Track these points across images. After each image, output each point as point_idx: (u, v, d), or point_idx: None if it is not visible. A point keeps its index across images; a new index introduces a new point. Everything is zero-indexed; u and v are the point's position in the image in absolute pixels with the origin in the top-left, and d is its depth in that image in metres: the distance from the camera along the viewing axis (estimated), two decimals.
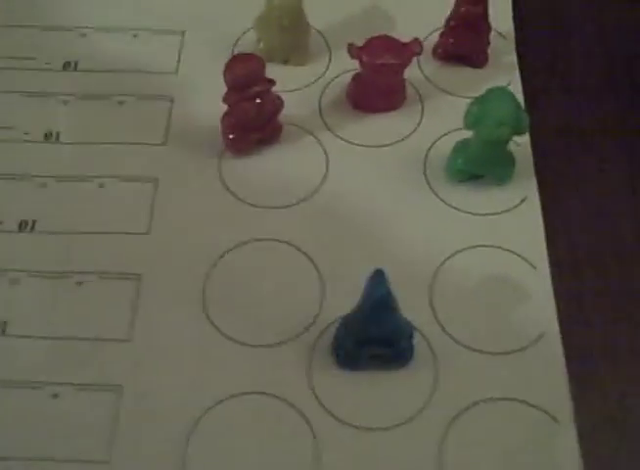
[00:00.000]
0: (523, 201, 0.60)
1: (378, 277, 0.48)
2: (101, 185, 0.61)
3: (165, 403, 0.52)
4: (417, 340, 0.53)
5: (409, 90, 0.66)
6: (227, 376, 0.53)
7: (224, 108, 0.60)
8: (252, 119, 0.61)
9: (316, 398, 0.52)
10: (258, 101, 0.60)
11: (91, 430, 0.51)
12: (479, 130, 0.57)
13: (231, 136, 0.62)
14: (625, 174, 0.61)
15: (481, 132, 0.57)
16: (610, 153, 0.62)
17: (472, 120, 0.57)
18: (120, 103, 0.66)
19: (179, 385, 0.52)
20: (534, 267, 0.57)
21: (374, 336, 0.50)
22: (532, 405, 0.51)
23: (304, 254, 0.58)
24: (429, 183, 0.61)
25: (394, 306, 0.49)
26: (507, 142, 0.58)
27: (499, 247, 0.58)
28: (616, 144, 0.62)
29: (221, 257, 0.58)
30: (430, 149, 0.63)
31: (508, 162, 0.60)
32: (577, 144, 0.63)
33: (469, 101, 0.58)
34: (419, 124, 0.64)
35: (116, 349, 0.54)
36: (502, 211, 0.59)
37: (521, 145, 0.61)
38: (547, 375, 0.52)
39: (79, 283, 0.57)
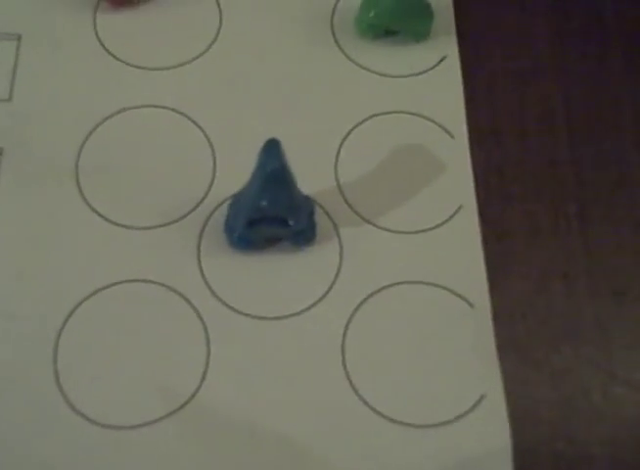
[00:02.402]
0: (441, 60, 0.53)
1: (271, 148, 0.42)
2: None
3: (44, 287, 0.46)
4: (320, 218, 0.47)
5: None
6: (106, 262, 0.46)
7: None
8: None
9: (206, 284, 0.46)
10: None
11: None
12: None
13: None
14: (551, 31, 0.54)
15: None
16: (535, 3, 0.55)
17: None
18: None
19: (59, 271, 0.46)
20: (452, 136, 0.51)
21: (268, 213, 0.44)
22: (446, 289, 0.46)
23: (193, 122, 0.50)
24: (337, 41, 0.54)
25: (289, 180, 0.42)
26: None
27: (414, 113, 0.51)
28: None
29: (97, 126, 0.50)
30: (337, 3, 0.55)
31: (425, 15, 0.53)
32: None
33: None
34: None
35: None
36: (418, 73, 0.53)
37: None
38: (462, 255, 0.47)
39: None
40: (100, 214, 0.48)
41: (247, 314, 0.45)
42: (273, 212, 0.44)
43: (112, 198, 0.48)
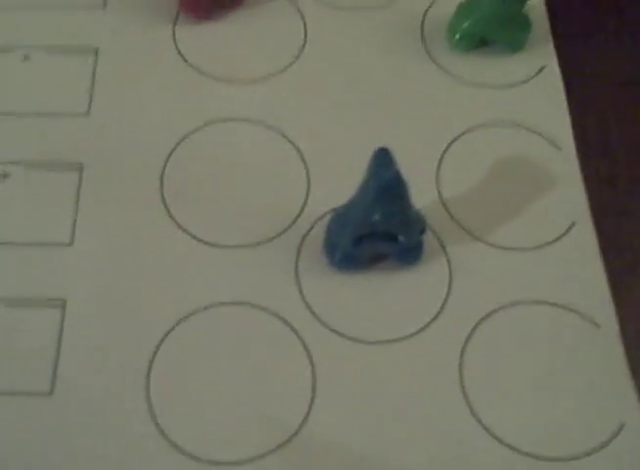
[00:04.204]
0: (541, 70, 0.50)
1: (383, 157, 0.39)
2: (26, 57, 0.50)
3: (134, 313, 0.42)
4: (425, 235, 0.44)
5: None
6: (198, 284, 0.43)
7: None
8: None
9: (307, 306, 0.43)
10: None
11: None
12: None
13: None
14: None
15: None
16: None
17: None
18: None
19: (146, 297, 0.43)
20: (559, 148, 0.48)
21: (378, 229, 0.41)
22: (568, 309, 0.43)
23: (283, 136, 0.48)
24: (428, 52, 0.51)
25: (404, 192, 0.39)
26: (525, 1, 0.48)
27: (516, 125, 0.48)
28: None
29: (181, 141, 0.47)
30: (426, 13, 0.53)
31: (523, 24, 0.50)
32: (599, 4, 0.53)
33: None
34: None
35: (60, 257, 0.43)
36: (517, 84, 0.50)
37: (534, 7, 0.51)
38: (581, 273, 0.44)
39: (4, 175, 0.45)
40: (189, 233, 0.44)
41: (353, 338, 0.42)
42: (385, 227, 0.41)
43: (201, 215, 0.45)
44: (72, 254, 0.43)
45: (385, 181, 0.38)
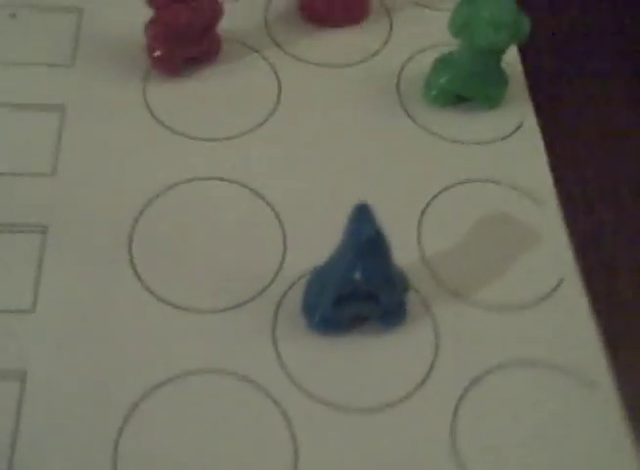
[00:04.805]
0: (518, 127, 0.50)
1: (363, 213, 0.37)
2: None
3: (99, 389, 0.39)
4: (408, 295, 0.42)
5: (373, 1, 0.54)
6: (169, 351, 0.40)
7: (149, 14, 0.47)
8: (185, 29, 0.48)
9: (286, 373, 0.40)
10: (194, 4, 0.47)
11: None
12: (469, 37, 0.46)
13: (158, 52, 0.49)
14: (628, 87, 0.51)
15: (474, 39, 0.46)
16: (610, 63, 0.52)
17: (460, 24, 0.46)
18: (12, 16, 0.52)
19: (114, 366, 0.40)
20: (541, 203, 0.46)
21: (359, 288, 0.39)
22: (561, 370, 0.41)
23: (258, 196, 0.46)
24: (405, 109, 0.50)
25: (386, 248, 0.38)
26: (501, 54, 0.48)
27: (497, 181, 0.47)
28: (614, 51, 0.53)
29: (151, 201, 0.45)
30: (402, 70, 0.52)
31: (500, 80, 0.50)
32: (572, 60, 0.53)
33: (445, 13, 0.47)
34: (387, 41, 0.53)
35: (21, 324, 0.41)
36: (497, 139, 0.49)
37: (509, 63, 0.51)
38: (572, 331, 0.42)
39: None
40: (159, 297, 0.42)
41: (337, 406, 0.39)
42: (366, 287, 0.39)
43: (172, 278, 0.43)
44: (34, 321, 0.41)
45: (365, 237, 0.36)
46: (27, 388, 0.39)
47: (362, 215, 0.37)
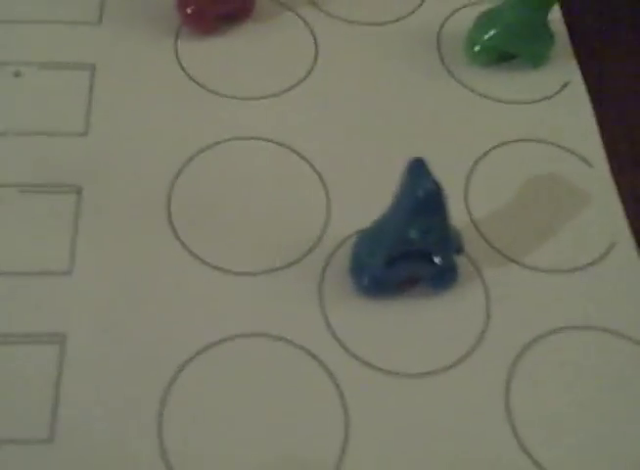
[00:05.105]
0: (564, 86, 0.48)
1: (418, 168, 0.35)
2: (17, 74, 0.46)
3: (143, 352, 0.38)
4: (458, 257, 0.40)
5: None
6: (213, 314, 0.39)
7: None
8: None
9: (335, 337, 0.39)
10: None
11: None
12: None
13: (189, 9, 0.47)
14: None
15: None
16: None
17: None
18: None
19: (156, 329, 0.38)
20: (590, 165, 0.45)
21: (414, 247, 0.37)
22: (616, 333, 0.39)
23: (299, 155, 0.44)
24: (446, 66, 0.48)
25: (443, 204, 0.36)
26: (548, 10, 0.46)
27: (543, 141, 0.46)
28: None
29: (189, 161, 0.44)
30: (443, 26, 0.50)
31: (546, 37, 0.48)
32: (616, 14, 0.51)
33: None
34: None
35: (58, 287, 0.39)
36: (542, 98, 0.47)
37: (553, 21, 0.49)
38: (627, 295, 0.41)
39: None
40: (201, 259, 0.40)
41: (387, 371, 0.38)
42: (422, 245, 0.37)
43: (212, 240, 0.41)
44: (72, 283, 0.39)
45: (424, 193, 0.35)
46: (68, 351, 0.37)
47: (418, 170, 0.35)
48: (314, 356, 0.38)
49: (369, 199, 0.40)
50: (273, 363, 0.38)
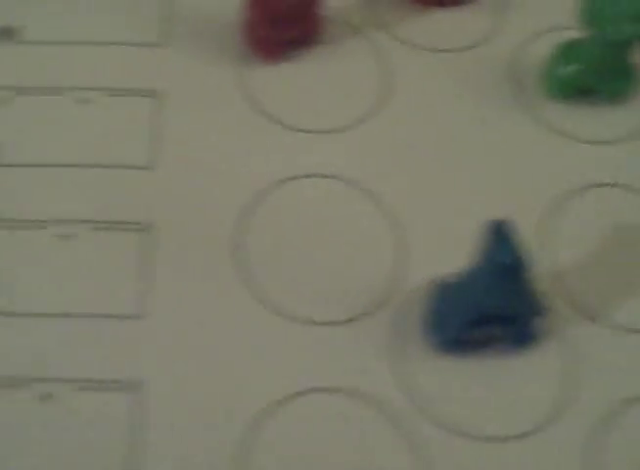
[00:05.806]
0: None
1: (500, 232, 0.34)
2: (78, 100, 0.44)
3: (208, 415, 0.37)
4: None
5: None
6: (282, 368, 0.38)
7: None
8: (288, 8, 0.44)
9: (408, 394, 0.37)
10: None
11: None
12: (602, 27, 0.42)
13: (257, 33, 0.45)
14: None
15: (607, 30, 0.42)
16: None
17: (593, 13, 0.42)
18: None
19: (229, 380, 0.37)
20: None
21: (494, 313, 0.36)
22: None
23: (371, 196, 0.43)
24: (521, 100, 0.46)
25: (524, 275, 0.34)
26: (635, 46, 0.44)
27: (626, 186, 0.43)
28: None
29: (257, 199, 0.42)
30: (516, 56, 0.48)
31: (629, 73, 0.46)
32: None
33: None
34: (499, 23, 0.49)
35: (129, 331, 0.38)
36: (623, 139, 0.45)
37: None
38: None
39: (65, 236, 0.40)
40: (269, 307, 0.39)
41: (460, 432, 0.37)
42: (505, 312, 0.36)
43: (280, 286, 0.40)
44: (144, 327, 0.38)
45: (505, 266, 0.33)
46: (144, 399, 0.36)
47: (500, 235, 0.34)
48: (385, 412, 0.37)
49: (443, 246, 0.40)
50: (344, 418, 0.37)
